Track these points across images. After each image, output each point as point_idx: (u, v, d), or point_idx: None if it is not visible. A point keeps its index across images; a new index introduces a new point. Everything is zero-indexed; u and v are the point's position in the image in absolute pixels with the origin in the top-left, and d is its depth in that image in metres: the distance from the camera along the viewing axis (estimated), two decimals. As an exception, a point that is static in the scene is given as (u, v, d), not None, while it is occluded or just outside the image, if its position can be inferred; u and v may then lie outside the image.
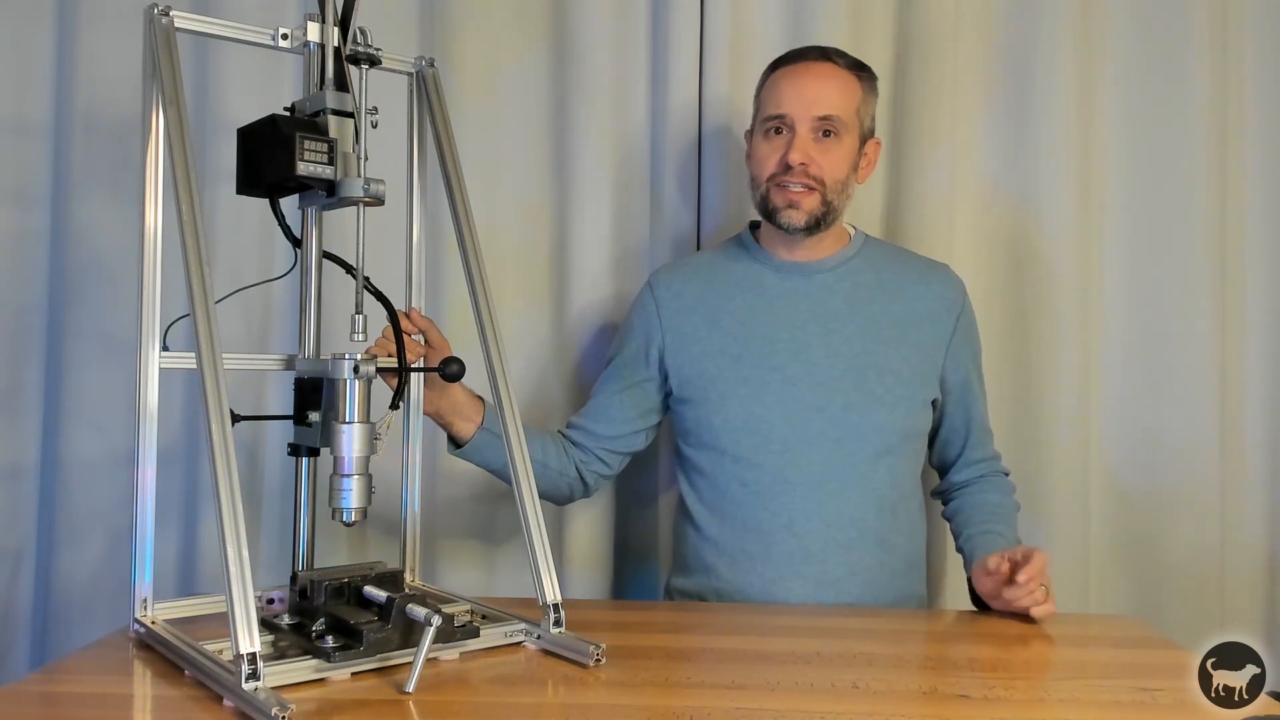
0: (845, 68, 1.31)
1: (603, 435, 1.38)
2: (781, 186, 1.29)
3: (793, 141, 1.28)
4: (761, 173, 1.31)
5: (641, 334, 1.40)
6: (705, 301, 1.37)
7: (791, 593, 1.27)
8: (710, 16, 1.57)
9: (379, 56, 1.03)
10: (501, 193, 1.61)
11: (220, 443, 0.85)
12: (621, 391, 1.39)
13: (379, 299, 1.08)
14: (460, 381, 1.17)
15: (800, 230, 1.30)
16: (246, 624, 0.81)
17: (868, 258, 1.37)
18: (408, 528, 1.18)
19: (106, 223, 1.59)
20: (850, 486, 1.28)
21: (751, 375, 1.32)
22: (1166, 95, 1.58)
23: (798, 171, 1.27)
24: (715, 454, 1.33)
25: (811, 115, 1.27)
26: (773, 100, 1.31)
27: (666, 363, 1.38)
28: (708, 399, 1.33)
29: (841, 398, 1.29)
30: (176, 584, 1.58)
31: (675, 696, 0.86)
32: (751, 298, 1.36)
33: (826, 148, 1.29)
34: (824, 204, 1.29)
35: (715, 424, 1.33)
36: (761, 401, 1.31)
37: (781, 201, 1.30)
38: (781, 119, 1.29)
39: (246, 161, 1.04)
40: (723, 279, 1.38)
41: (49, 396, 1.61)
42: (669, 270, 1.44)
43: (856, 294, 1.34)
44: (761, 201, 1.32)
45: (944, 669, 0.96)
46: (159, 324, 1.02)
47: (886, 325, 1.32)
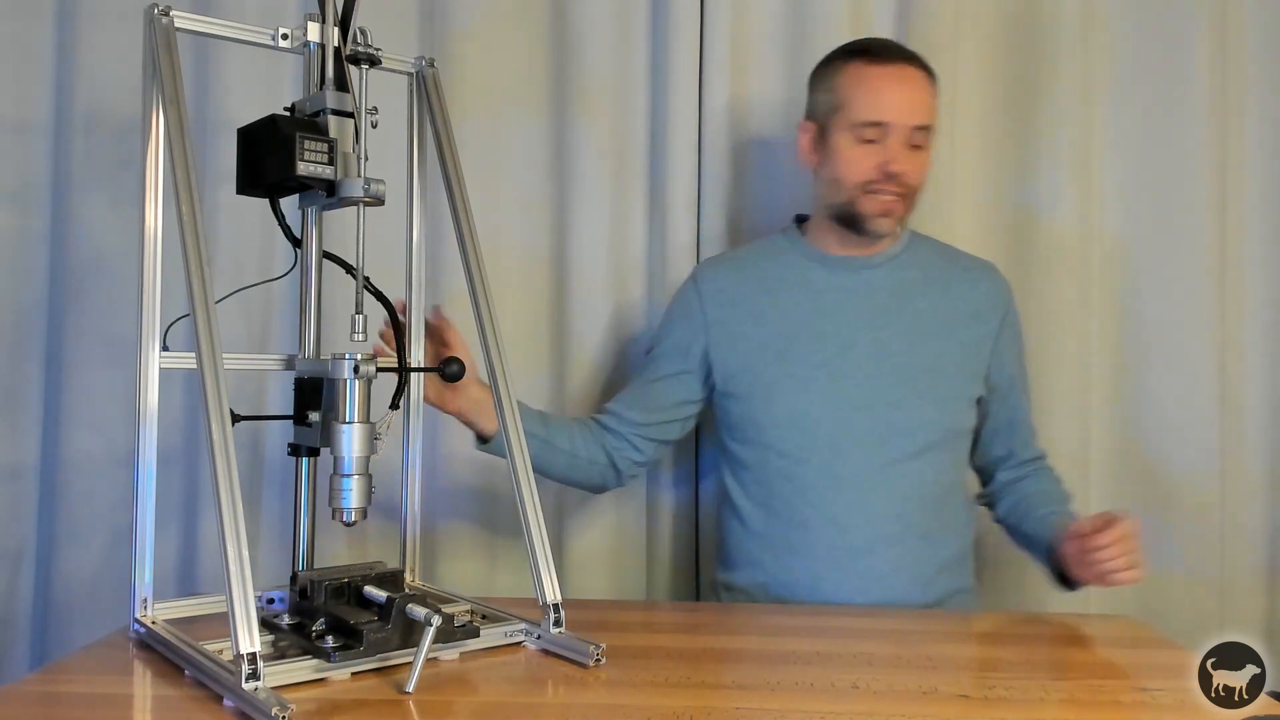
0: (924, 70, 1.30)
1: (635, 421, 1.38)
2: (873, 194, 1.27)
3: (892, 150, 1.26)
4: (853, 177, 1.28)
5: (683, 328, 1.39)
6: (750, 296, 1.37)
7: (838, 588, 1.27)
8: (710, 16, 1.57)
9: (379, 56, 1.03)
10: (501, 193, 1.61)
11: (220, 443, 0.85)
12: (658, 380, 1.39)
13: (379, 299, 1.08)
14: (477, 378, 1.19)
15: (883, 237, 1.31)
16: (246, 624, 0.81)
17: (915, 254, 1.37)
18: (408, 528, 1.18)
19: (106, 223, 1.59)
20: (895, 482, 1.28)
21: (797, 371, 1.31)
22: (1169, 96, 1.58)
23: (895, 181, 1.27)
24: (760, 449, 1.33)
25: (910, 125, 1.26)
26: (870, 103, 1.26)
27: (710, 357, 1.37)
28: (753, 395, 1.33)
29: (888, 394, 1.29)
30: (176, 584, 1.58)
31: (675, 696, 0.86)
32: (798, 293, 1.35)
33: (915, 156, 1.28)
34: (908, 210, 1.31)
35: (761, 420, 1.32)
36: (807, 398, 1.30)
37: (875, 209, 1.28)
38: (882, 127, 1.26)
39: (246, 161, 1.04)
40: (769, 273, 1.38)
41: (49, 396, 1.61)
42: (713, 264, 1.43)
43: (903, 291, 1.33)
44: (847, 206, 1.30)
45: (944, 669, 0.96)
46: (159, 324, 1.02)
47: (933, 322, 1.32)
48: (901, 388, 1.30)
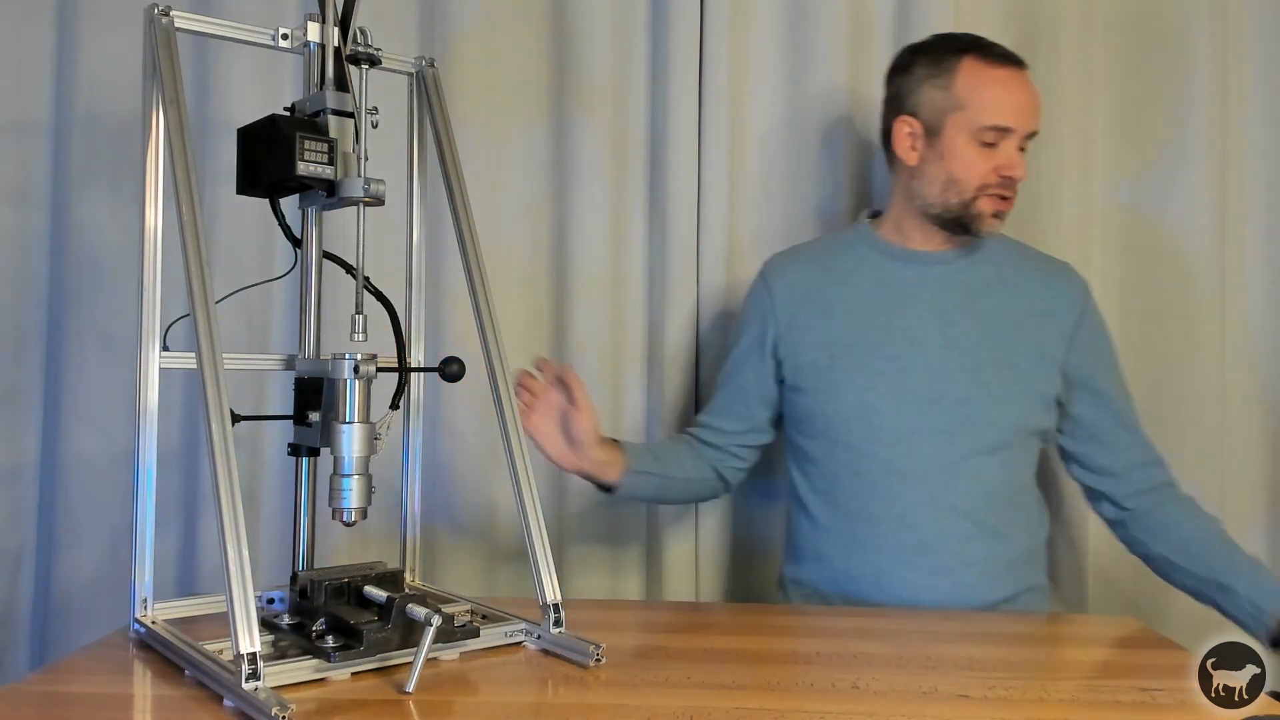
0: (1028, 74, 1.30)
1: (732, 432, 1.40)
2: (990, 196, 1.28)
3: (1011, 155, 1.27)
4: (972, 179, 1.27)
5: (756, 323, 1.40)
6: (819, 289, 1.37)
7: (904, 583, 1.27)
8: (710, 16, 1.57)
9: (379, 56, 1.03)
10: (501, 193, 1.61)
11: (220, 443, 0.85)
12: (743, 385, 1.40)
13: (379, 299, 1.08)
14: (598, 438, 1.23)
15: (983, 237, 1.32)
16: (246, 624, 0.81)
17: (989, 251, 1.35)
18: (408, 528, 1.18)
19: (106, 223, 1.59)
20: (962, 479, 1.27)
21: (865, 365, 1.31)
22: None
23: (1011, 184, 1.28)
24: (827, 443, 1.33)
25: (1027, 130, 1.27)
26: (995, 106, 1.26)
27: (780, 351, 1.38)
28: (820, 388, 1.33)
29: (956, 390, 1.28)
30: (176, 584, 1.58)
31: (675, 696, 0.86)
32: (868, 286, 1.35)
33: (1023, 159, 1.29)
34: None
35: (828, 413, 1.32)
36: (874, 391, 1.30)
37: (990, 210, 1.28)
38: (1006, 132, 1.26)
39: (246, 161, 1.04)
40: (838, 266, 1.37)
41: (49, 396, 1.61)
42: (782, 258, 1.43)
43: (975, 287, 1.32)
44: (961, 206, 1.29)
45: (944, 669, 0.96)
46: (159, 324, 1.02)
47: (1004, 320, 1.31)
48: (971, 384, 1.28)
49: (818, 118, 1.60)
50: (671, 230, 1.60)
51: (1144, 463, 1.33)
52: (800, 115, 1.61)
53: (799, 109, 1.61)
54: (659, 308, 1.60)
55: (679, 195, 1.59)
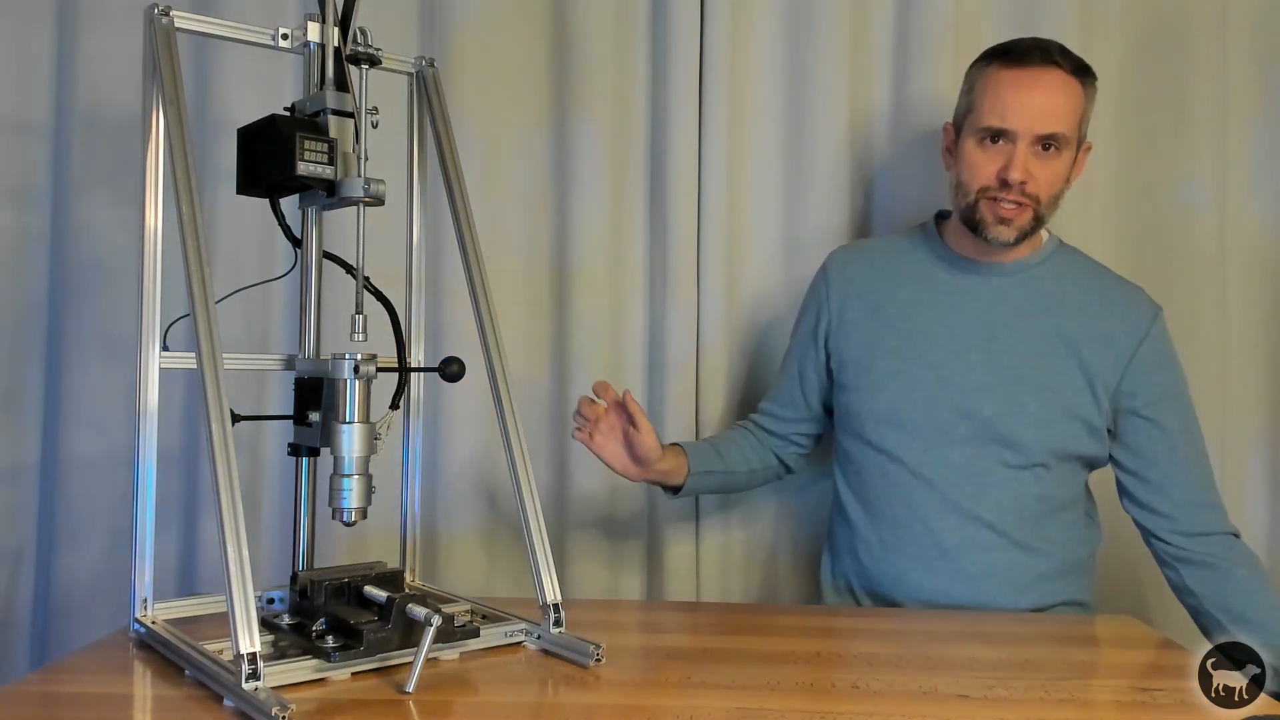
0: (1070, 73, 1.23)
1: (791, 419, 1.43)
2: (993, 200, 1.24)
3: (1013, 157, 1.21)
4: (973, 183, 1.25)
5: (813, 314, 1.41)
6: (874, 288, 1.36)
7: (923, 587, 1.28)
8: (710, 16, 1.57)
9: (379, 56, 1.03)
10: (502, 193, 1.61)
11: (220, 443, 0.85)
12: (800, 374, 1.42)
13: (379, 299, 1.08)
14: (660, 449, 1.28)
15: (1007, 245, 1.26)
16: (246, 624, 0.81)
17: (1054, 268, 1.31)
18: (408, 528, 1.18)
19: (106, 223, 1.59)
20: (989, 492, 1.26)
21: (905, 369, 1.30)
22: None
23: (1015, 189, 1.22)
24: (861, 443, 1.34)
25: (1035, 131, 1.21)
26: (994, 108, 1.22)
27: (830, 344, 1.39)
28: (860, 387, 1.34)
29: (991, 407, 1.26)
30: (176, 584, 1.58)
31: (675, 696, 0.86)
32: (921, 290, 1.33)
33: (1046, 162, 1.23)
34: (1035, 219, 1.25)
35: (863, 413, 1.33)
36: (909, 397, 1.29)
37: (992, 217, 1.25)
38: (1003, 133, 1.22)
39: (246, 161, 1.04)
40: (896, 267, 1.37)
41: (49, 396, 1.61)
42: (845, 251, 1.43)
43: (1030, 303, 1.29)
44: (968, 210, 1.27)
45: (944, 669, 0.96)
46: (159, 324, 1.02)
47: (1055, 341, 1.27)
48: (1007, 403, 1.26)
49: (818, 117, 1.60)
50: (672, 230, 1.59)
51: (1198, 504, 1.26)
52: (800, 115, 1.60)
53: (799, 108, 1.60)
54: (659, 307, 1.60)
55: (679, 195, 1.59)
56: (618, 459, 1.29)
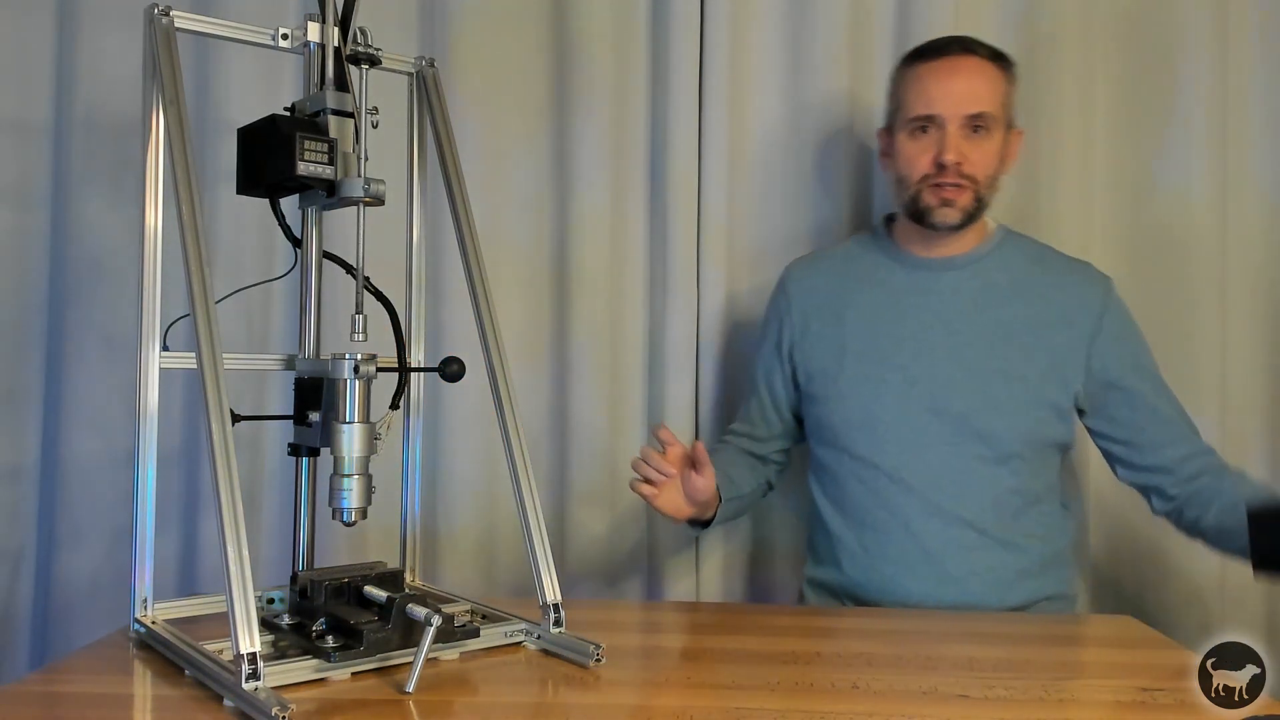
0: (988, 59, 1.28)
1: (766, 438, 1.43)
2: (935, 186, 1.27)
3: (944, 140, 1.26)
4: (912, 173, 1.29)
5: (775, 328, 1.42)
6: (834, 296, 1.37)
7: (909, 593, 1.28)
8: (710, 16, 1.57)
9: (379, 56, 1.03)
10: (502, 192, 1.61)
11: (220, 443, 0.85)
12: (769, 390, 1.43)
13: (379, 299, 1.08)
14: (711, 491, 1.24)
15: (953, 228, 1.29)
16: (246, 624, 0.81)
17: (1004, 256, 1.34)
18: (408, 528, 1.18)
19: (106, 223, 1.59)
20: (968, 489, 1.27)
21: (872, 373, 1.31)
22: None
23: (952, 171, 1.26)
24: (836, 451, 1.34)
25: (961, 113, 1.25)
26: (920, 99, 1.27)
27: (795, 357, 1.39)
28: (829, 396, 1.34)
29: (961, 402, 1.27)
30: (176, 584, 1.58)
31: (675, 696, 0.86)
32: (879, 294, 1.35)
33: (977, 143, 1.27)
34: (976, 200, 1.28)
35: (835, 421, 1.33)
36: (879, 401, 1.30)
37: (935, 201, 1.28)
38: (930, 119, 1.27)
39: (246, 161, 1.04)
40: (852, 274, 1.38)
41: (49, 396, 1.61)
42: (802, 263, 1.45)
43: (986, 295, 1.31)
44: (911, 202, 1.30)
45: (944, 669, 0.96)
46: (159, 324, 1.02)
47: (1017, 328, 1.29)
48: (977, 396, 1.27)
49: (818, 118, 1.60)
50: (672, 230, 1.60)
51: (1191, 454, 1.29)
52: (800, 115, 1.61)
53: (799, 109, 1.61)
54: (659, 307, 1.60)
55: (679, 195, 1.59)
56: (672, 506, 1.25)
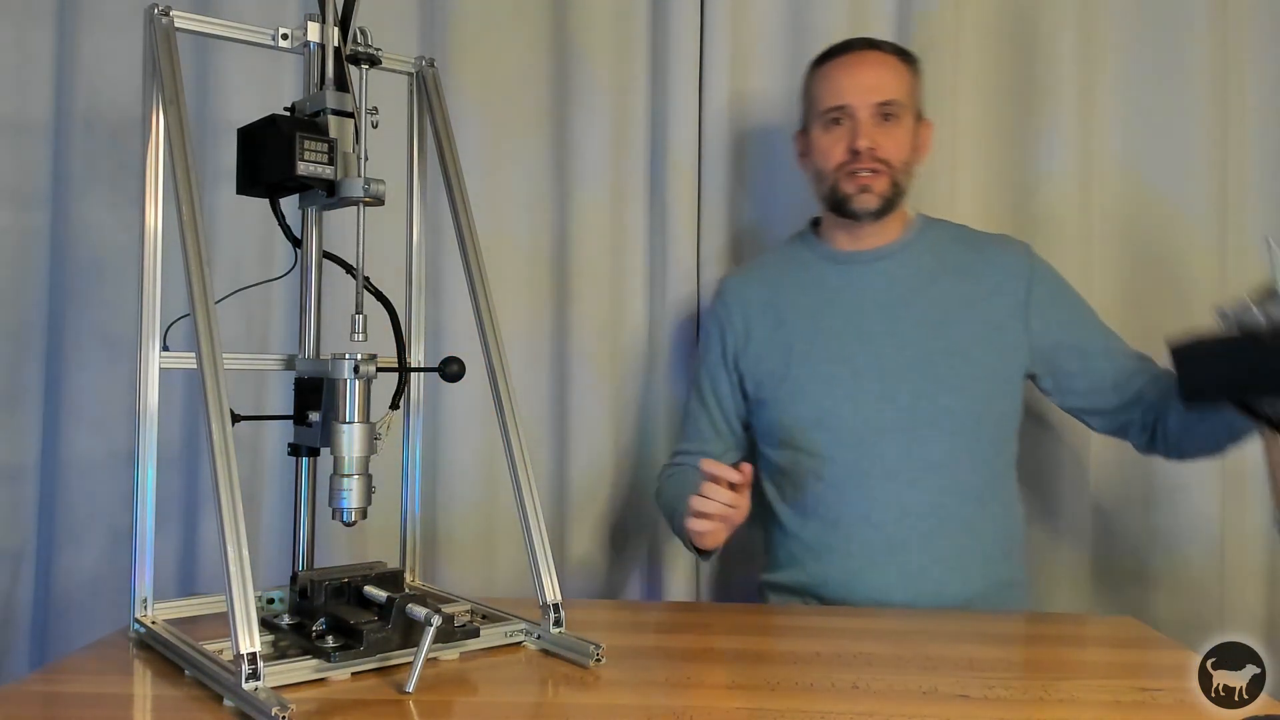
0: (891, 53, 1.33)
1: (721, 452, 1.43)
2: (851, 174, 1.30)
3: (857, 128, 1.29)
4: (828, 164, 1.32)
5: (717, 341, 1.42)
6: (772, 301, 1.39)
7: (874, 585, 1.28)
8: (710, 15, 1.57)
9: (379, 56, 1.03)
10: (502, 192, 1.61)
11: (220, 443, 0.85)
12: (718, 403, 1.42)
13: (379, 299, 1.08)
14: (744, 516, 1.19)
15: (873, 214, 1.31)
16: (246, 624, 0.81)
17: (928, 240, 1.37)
18: (408, 528, 1.18)
19: (106, 223, 1.59)
20: (928, 475, 1.28)
21: (820, 370, 1.32)
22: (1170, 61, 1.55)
23: (865, 157, 1.29)
24: (791, 451, 1.34)
25: (871, 102, 1.29)
26: (830, 92, 1.31)
27: (741, 365, 1.40)
28: (779, 397, 1.35)
29: (910, 386, 1.29)
30: (176, 584, 1.58)
31: (675, 696, 0.86)
32: (815, 293, 1.37)
33: (888, 130, 1.30)
34: (893, 185, 1.31)
35: (788, 422, 1.34)
36: (831, 395, 1.31)
37: (853, 188, 1.30)
38: (842, 109, 1.30)
39: (246, 161, 1.04)
40: (787, 277, 1.40)
41: (49, 396, 1.61)
42: (736, 275, 1.46)
43: (919, 279, 1.33)
44: (831, 192, 1.33)
45: (944, 669, 0.96)
46: (159, 324, 1.02)
47: (953, 307, 1.31)
48: (923, 377, 1.29)
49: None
50: (672, 230, 1.60)
51: (1151, 378, 1.29)
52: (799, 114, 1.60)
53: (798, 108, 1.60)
54: (659, 307, 1.60)
55: (679, 194, 1.59)
56: (714, 540, 1.23)
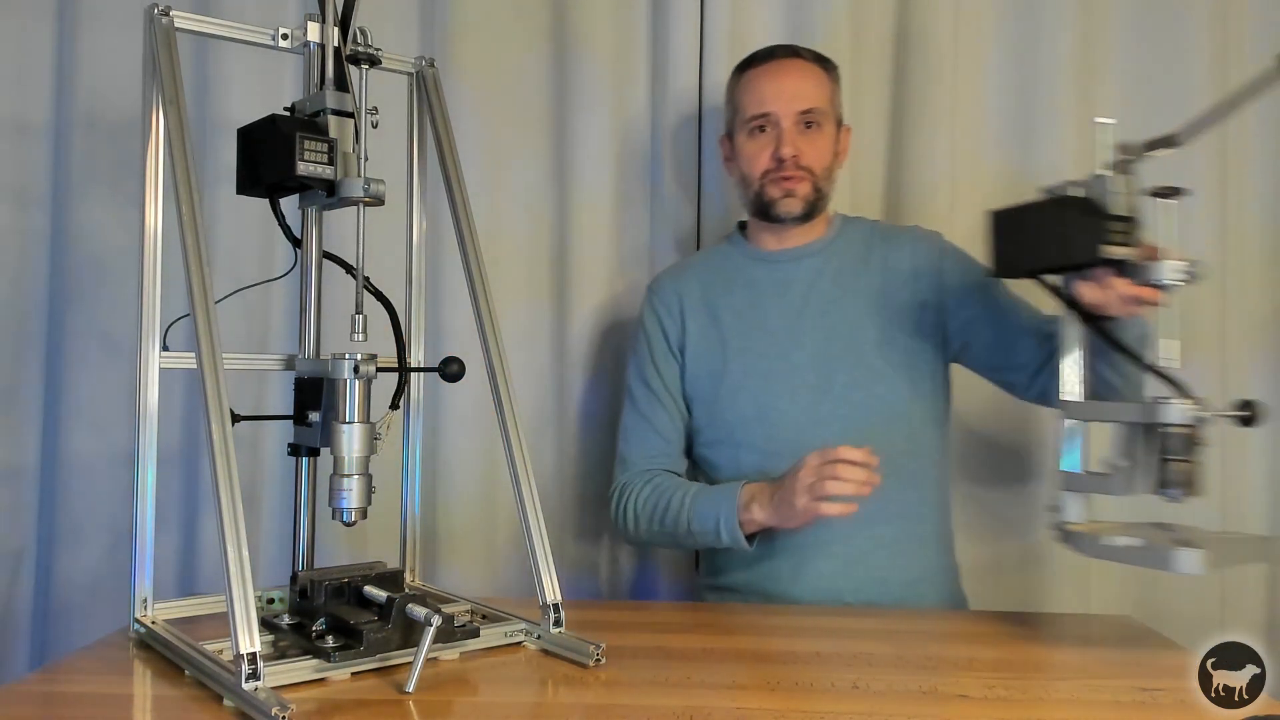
0: (813, 61, 1.37)
1: (674, 455, 1.41)
2: (776, 180, 1.34)
3: (781, 136, 1.33)
4: (754, 170, 1.36)
5: (660, 335, 1.42)
6: (704, 301, 1.40)
7: (820, 574, 1.28)
8: (710, 14, 1.57)
9: (379, 56, 1.03)
10: (502, 192, 1.61)
11: (220, 443, 0.85)
12: (672, 397, 1.41)
13: (379, 299, 1.08)
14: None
15: (797, 218, 1.35)
16: (246, 624, 0.81)
17: (848, 236, 1.41)
18: (408, 528, 1.18)
19: (106, 223, 1.59)
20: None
21: (756, 366, 1.34)
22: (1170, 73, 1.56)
23: (789, 164, 1.33)
24: (730, 448, 1.35)
25: (794, 110, 1.33)
26: (754, 100, 1.35)
27: (685, 355, 1.40)
28: (718, 396, 1.36)
29: (844, 375, 1.32)
30: (176, 584, 1.58)
31: (675, 696, 0.86)
32: (746, 291, 1.39)
33: (811, 138, 1.34)
34: (815, 190, 1.35)
35: (729, 419, 1.35)
36: (769, 390, 1.33)
37: (778, 193, 1.34)
38: (766, 117, 1.34)
39: (246, 161, 1.04)
40: (717, 278, 1.42)
41: (49, 396, 1.61)
42: (666, 275, 1.47)
43: (844, 273, 1.37)
44: (757, 198, 1.37)
45: (944, 669, 0.96)
46: (159, 324, 1.02)
47: (878, 298, 1.35)
48: (856, 367, 1.32)
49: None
50: (673, 229, 1.60)
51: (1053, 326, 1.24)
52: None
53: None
54: (659, 308, 1.60)
55: (679, 193, 1.59)
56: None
